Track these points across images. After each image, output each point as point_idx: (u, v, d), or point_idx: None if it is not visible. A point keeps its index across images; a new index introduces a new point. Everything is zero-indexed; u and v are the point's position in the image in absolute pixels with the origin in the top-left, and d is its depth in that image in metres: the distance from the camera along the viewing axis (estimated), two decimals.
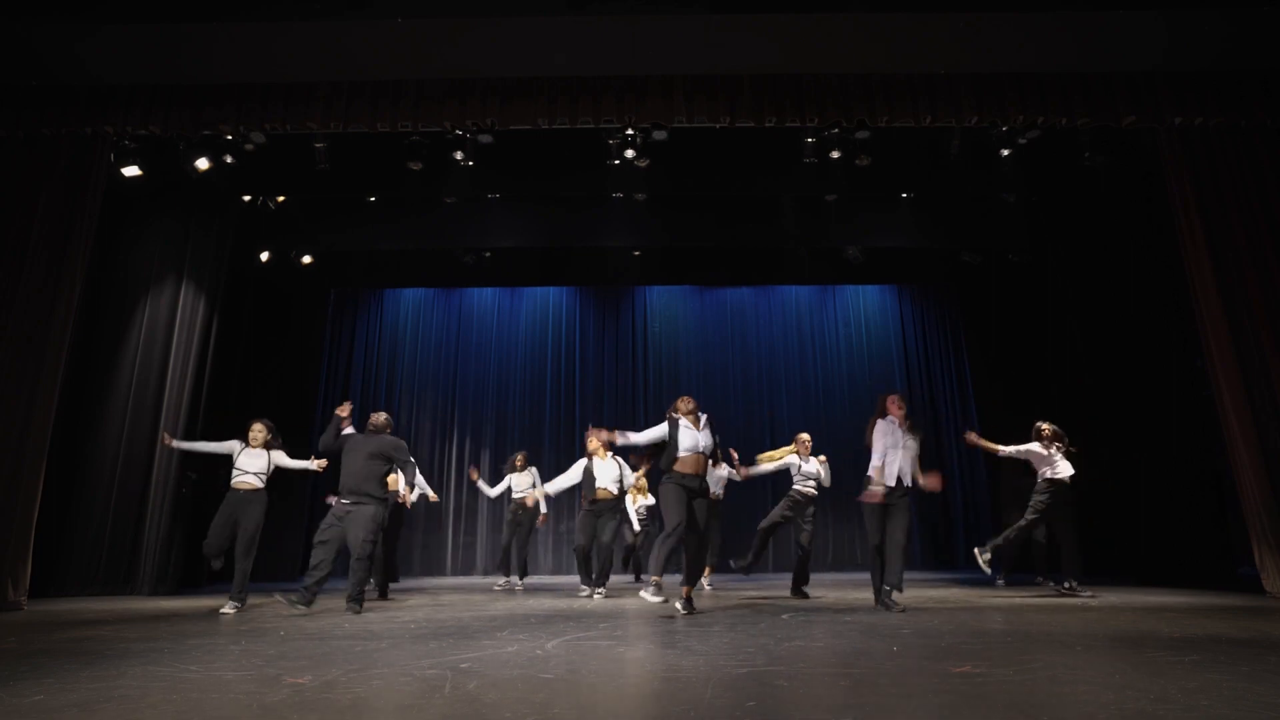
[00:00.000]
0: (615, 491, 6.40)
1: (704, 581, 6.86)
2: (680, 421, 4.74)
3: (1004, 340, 9.64)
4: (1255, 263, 5.96)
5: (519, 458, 7.68)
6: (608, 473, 6.43)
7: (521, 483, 7.51)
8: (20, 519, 5.65)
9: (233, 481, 5.30)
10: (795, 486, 6.24)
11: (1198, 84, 6.23)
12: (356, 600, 4.98)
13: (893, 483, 4.87)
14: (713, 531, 6.30)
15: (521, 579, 7.56)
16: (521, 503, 7.33)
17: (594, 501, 6.36)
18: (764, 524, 6.31)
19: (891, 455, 4.90)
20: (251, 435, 5.45)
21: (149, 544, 6.98)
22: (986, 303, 10.05)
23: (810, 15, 5.78)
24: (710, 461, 4.84)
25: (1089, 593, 5.60)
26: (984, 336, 10.08)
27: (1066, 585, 5.70)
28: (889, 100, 6.28)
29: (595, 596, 6.05)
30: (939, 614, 4.48)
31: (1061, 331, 8.74)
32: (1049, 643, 3.20)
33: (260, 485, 5.33)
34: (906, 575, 4.90)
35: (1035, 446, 5.87)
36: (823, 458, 6.33)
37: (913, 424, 5.07)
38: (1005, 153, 7.32)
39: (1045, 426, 5.91)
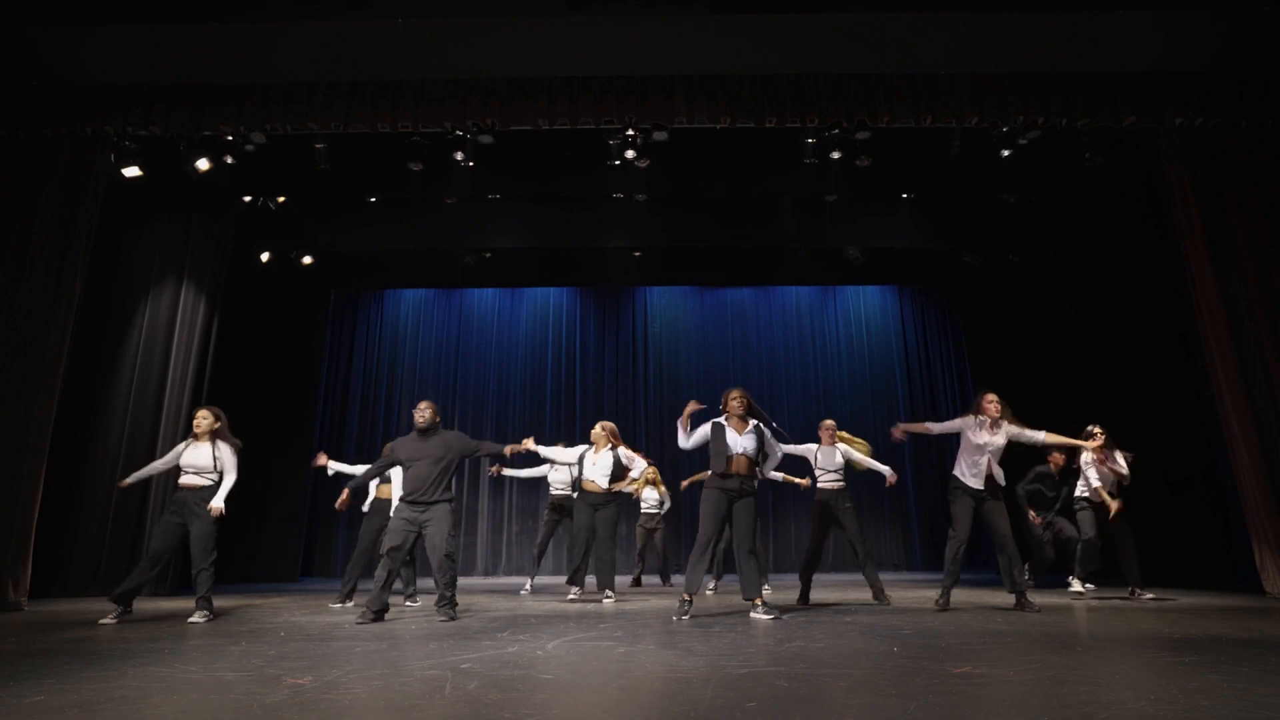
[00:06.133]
0: (603, 485, 6.09)
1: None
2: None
3: (1004, 340, 9.63)
4: (1255, 262, 5.96)
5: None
6: (600, 465, 6.10)
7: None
8: (20, 519, 5.65)
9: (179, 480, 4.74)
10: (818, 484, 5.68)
11: (1197, 84, 6.23)
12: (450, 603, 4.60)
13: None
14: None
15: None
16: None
17: (582, 493, 6.12)
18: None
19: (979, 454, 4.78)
20: (195, 424, 4.79)
21: (149, 544, 6.96)
22: (986, 303, 10.04)
23: (811, 16, 5.78)
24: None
25: (1149, 595, 5.44)
26: (984, 336, 10.07)
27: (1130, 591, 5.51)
28: (889, 100, 6.28)
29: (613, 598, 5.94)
30: (939, 614, 4.48)
31: (1061, 332, 8.74)
32: (1049, 643, 3.20)
33: (207, 483, 4.72)
34: (908, 576, 4.88)
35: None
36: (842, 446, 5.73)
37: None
38: (1005, 153, 7.33)
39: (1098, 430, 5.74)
